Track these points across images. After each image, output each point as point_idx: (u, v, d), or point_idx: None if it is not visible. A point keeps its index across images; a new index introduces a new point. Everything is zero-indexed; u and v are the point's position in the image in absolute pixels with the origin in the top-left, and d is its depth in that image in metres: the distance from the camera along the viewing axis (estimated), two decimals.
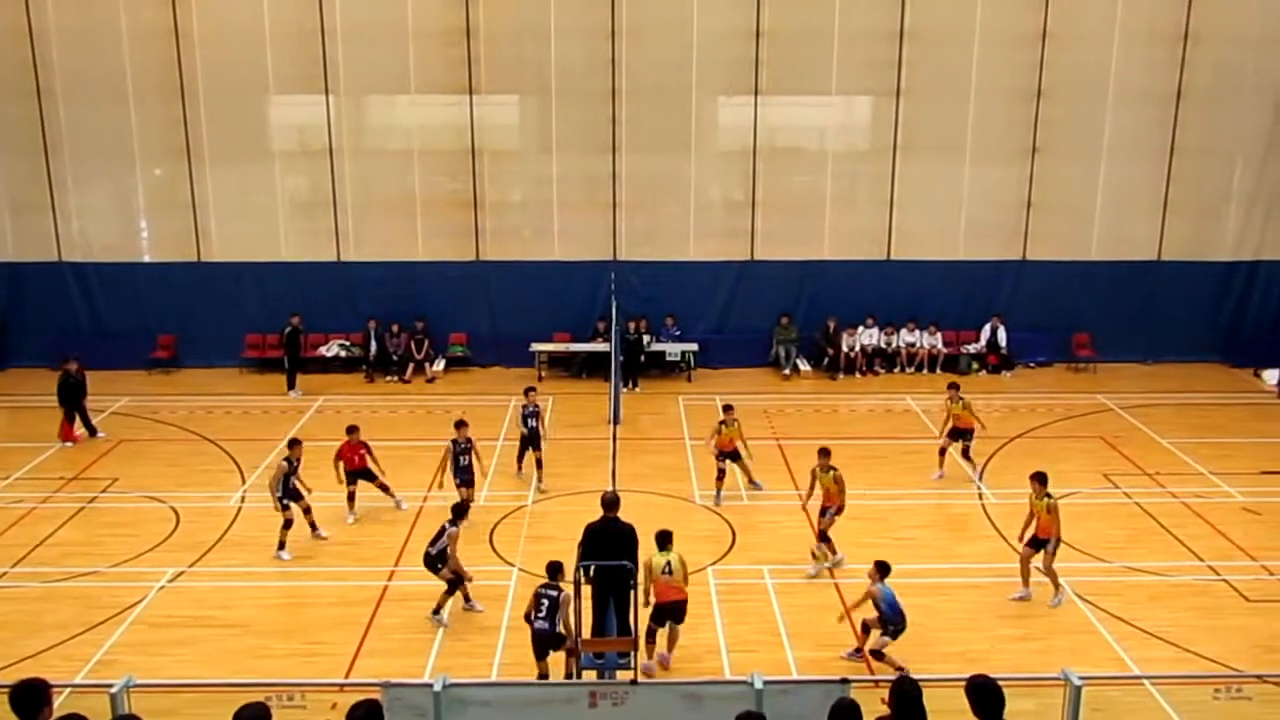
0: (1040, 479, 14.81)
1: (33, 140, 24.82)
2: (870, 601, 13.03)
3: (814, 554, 15.61)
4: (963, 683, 7.31)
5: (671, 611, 12.76)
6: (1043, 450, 20.37)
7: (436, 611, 14.04)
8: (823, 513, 15.62)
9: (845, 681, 8.75)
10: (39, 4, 24.23)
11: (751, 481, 18.41)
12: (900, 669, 12.27)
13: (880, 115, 25.15)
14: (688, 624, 13.98)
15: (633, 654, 11.16)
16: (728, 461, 18.09)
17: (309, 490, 16.68)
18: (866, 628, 13.17)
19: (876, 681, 11.44)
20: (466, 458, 17.29)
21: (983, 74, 24.67)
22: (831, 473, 15.61)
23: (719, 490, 18.07)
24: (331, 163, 25.10)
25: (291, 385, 23.78)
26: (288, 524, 16.10)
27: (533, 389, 19.30)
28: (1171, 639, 13.64)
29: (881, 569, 13.16)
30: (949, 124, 24.93)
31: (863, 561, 15.36)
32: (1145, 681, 12.23)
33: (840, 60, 24.72)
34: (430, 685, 8.68)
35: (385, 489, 17.64)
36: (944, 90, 24.77)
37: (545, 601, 12.17)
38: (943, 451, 19.14)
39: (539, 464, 18.77)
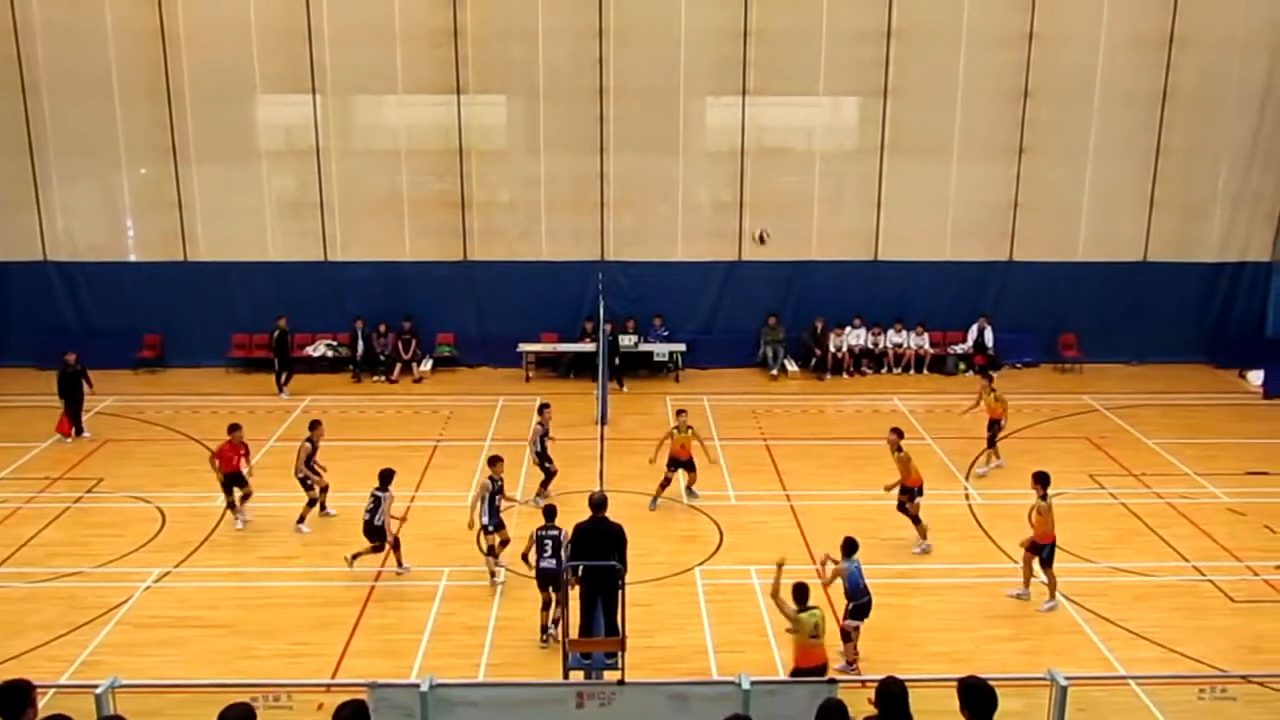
0: (1040, 480, 14.81)
1: (17, 138, 24.71)
2: (837, 579, 13.10)
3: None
4: (949, 683, 7.32)
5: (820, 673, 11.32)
6: (1029, 451, 20.43)
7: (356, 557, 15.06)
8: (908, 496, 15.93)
9: (833, 682, 8.77)
10: (24, 2, 24.10)
11: (689, 489, 18.01)
12: (852, 662, 12.86)
13: (867, 115, 25.20)
14: (674, 625, 14.05)
15: (620, 654, 11.16)
16: (680, 470, 17.77)
17: (324, 469, 17.40)
18: (847, 634, 13.06)
19: (863, 682, 11.44)
20: (500, 497, 15.49)
21: (970, 74, 24.74)
22: (898, 454, 16.11)
23: (657, 496, 17.71)
24: (319, 163, 25.05)
25: (281, 387, 23.70)
26: (311, 502, 17.14)
27: (547, 406, 18.78)
28: (1157, 639, 13.71)
29: (847, 547, 13.14)
30: (936, 124, 25.00)
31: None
32: (1131, 682, 12.28)
33: (828, 60, 24.77)
34: (417, 685, 8.65)
35: (247, 497, 16.99)
36: (931, 91, 24.84)
37: (549, 543, 13.26)
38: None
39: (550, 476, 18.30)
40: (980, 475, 19.30)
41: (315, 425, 17.57)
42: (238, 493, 17.01)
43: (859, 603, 13.01)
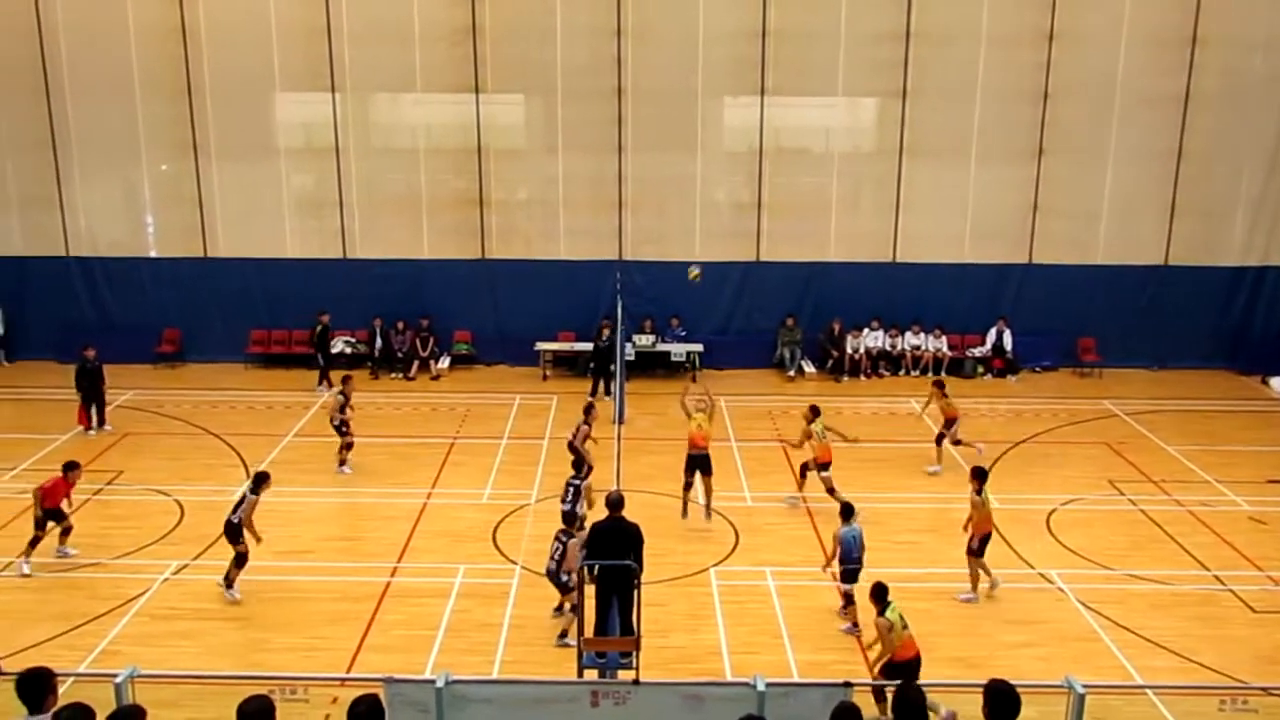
0: (979, 476, 15.00)
1: (41, 136, 24.88)
2: (834, 545, 14.03)
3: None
4: (963, 689, 7.30)
5: (918, 666, 11.71)
6: (1047, 455, 20.37)
7: (229, 586, 14.56)
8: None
9: (847, 685, 8.73)
10: (48, 1, 24.26)
11: (708, 507, 17.16)
12: (856, 624, 13.83)
13: (886, 117, 25.13)
14: (688, 625, 14.04)
15: (634, 654, 11.15)
16: (697, 473, 17.01)
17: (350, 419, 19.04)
18: (849, 598, 13.92)
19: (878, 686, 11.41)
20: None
21: (989, 76, 24.65)
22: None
23: (686, 502, 17.15)
24: (338, 160, 25.14)
25: (321, 380, 23.82)
26: (348, 446, 18.90)
27: (592, 406, 18.59)
28: (1175, 648, 13.59)
29: (844, 512, 14.20)
30: (955, 126, 24.92)
31: (867, 565, 15.40)
32: (1149, 691, 12.19)
33: (846, 61, 24.71)
34: (432, 681, 8.66)
35: (68, 531, 15.85)
36: (950, 92, 24.75)
37: (558, 547, 13.52)
38: (940, 441, 19.42)
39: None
40: (932, 474, 19.31)
41: (347, 380, 19.55)
42: (53, 527, 15.61)
43: (848, 567, 13.88)
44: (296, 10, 24.33)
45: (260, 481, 14.90)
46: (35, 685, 7.51)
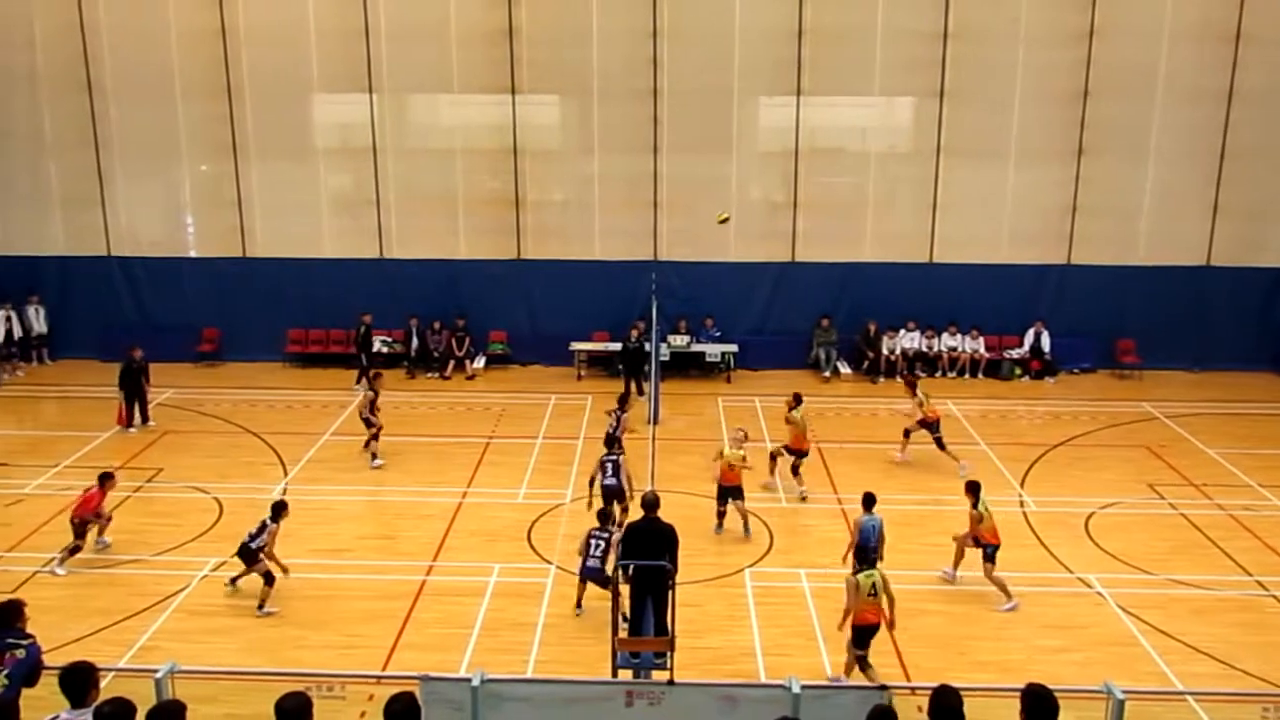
0: (973, 490, 15.01)
1: (84, 137, 25.24)
2: (854, 533, 14.37)
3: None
4: (1000, 693, 7.24)
5: (875, 630, 12.53)
6: (1086, 458, 20.19)
7: (237, 587, 14.74)
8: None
9: (883, 688, 8.71)
10: (91, 4, 24.62)
11: (746, 527, 16.82)
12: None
13: (923, 116, 24.99)
14: (722, 626, 14.02)
15: (669, 654, 11.15)
16: (729, 502, 16.64)
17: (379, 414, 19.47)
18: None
19: (914, 689, 11.36)
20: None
21: (1028, 74, 24.46)
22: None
23: (722, 517, 16.88)
24: (375, 161, 25.31)
25: (359, 380, 23.94)
26: (376, 435, 19.25)
27: (626, 398, 19.23)
28: (1217, 655, 13.40)
29: (866, 501, 14.50)
30: (993, 125, 24.74)
31: (901, 567, 15.34)
32: (1189, 697, 12.03)
33: (883, 60, 24.59)
34: (468, 680, 8.71)
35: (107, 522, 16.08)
36: (988, 91, 24.58)
37: (599, 543, 13.88)
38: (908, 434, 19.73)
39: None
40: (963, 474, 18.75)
41: (378, 376, 20.34)
42: (93, 531, 15.86)
43: (864, 553, 13.86)
44: (335, 12, 24.52)
45: (279, 510, 14.74)
46: (78, 679, 7.64)
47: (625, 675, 11.13)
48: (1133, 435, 21.61)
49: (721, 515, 16.82)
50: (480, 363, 25.65)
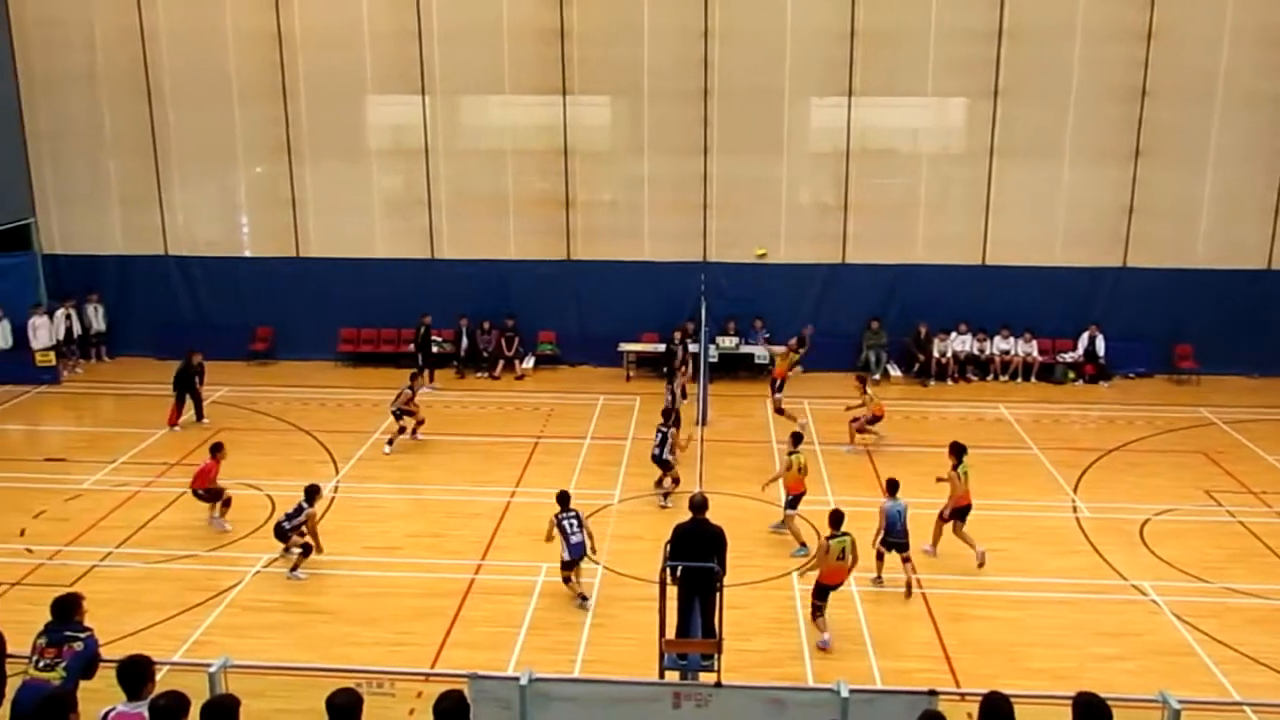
0: (956, 451, 16.07)
1: (143, 138, 25.68)
2: (880, 518, 15.02)
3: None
4: (1052, 700, 7.16)
5: (836, 589, 13.97)
6: (1141, 464, 19.89)
7: (291, 555, 15.44)
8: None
9: (933, 693, 8.62)
10: (150, 8, 25.06)
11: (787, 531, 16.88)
12: (874, 580, 15.07)
13: (976, 116, 24.75)
14: (770, 629, 13.98)
15: (716, 656, 11.13)
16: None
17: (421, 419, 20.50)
18: (880, 555, 15.04)
19: (963, 695, 11.26)
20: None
21: (1084, 74, 24.13)
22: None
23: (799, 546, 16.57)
24: (426, 162, 25.51)
25: (431, 380, 24.17)
26: (401, 430, 20.22)
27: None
28: (1275, 665, 13.15)
29: (890, 487, 15.17)
30: (1048, 125, 24.44)
31: (951, 572, 15.23)
32: (1246, 708, 11.81)
33: (936, 60, 24.38)
34: (516, 679, 8.74)
35: (228, 503, 17.07)
36: (1043, 91, 24.28)
37: (572, 523, 14.60)
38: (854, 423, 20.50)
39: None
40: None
41: (415, 376, 20.91)
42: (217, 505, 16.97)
43: (892, 540, 14.91)
44: (388, 14, 24.75)
45: (312, 494, 15.47)
46: (134, 672, 7.76)
47: (672, 676, 11.12)
48: (1189, 441, 21.26)
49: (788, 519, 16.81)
50: (529, 363, 25.76)
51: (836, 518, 13.95)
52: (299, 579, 15.13)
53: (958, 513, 15.79)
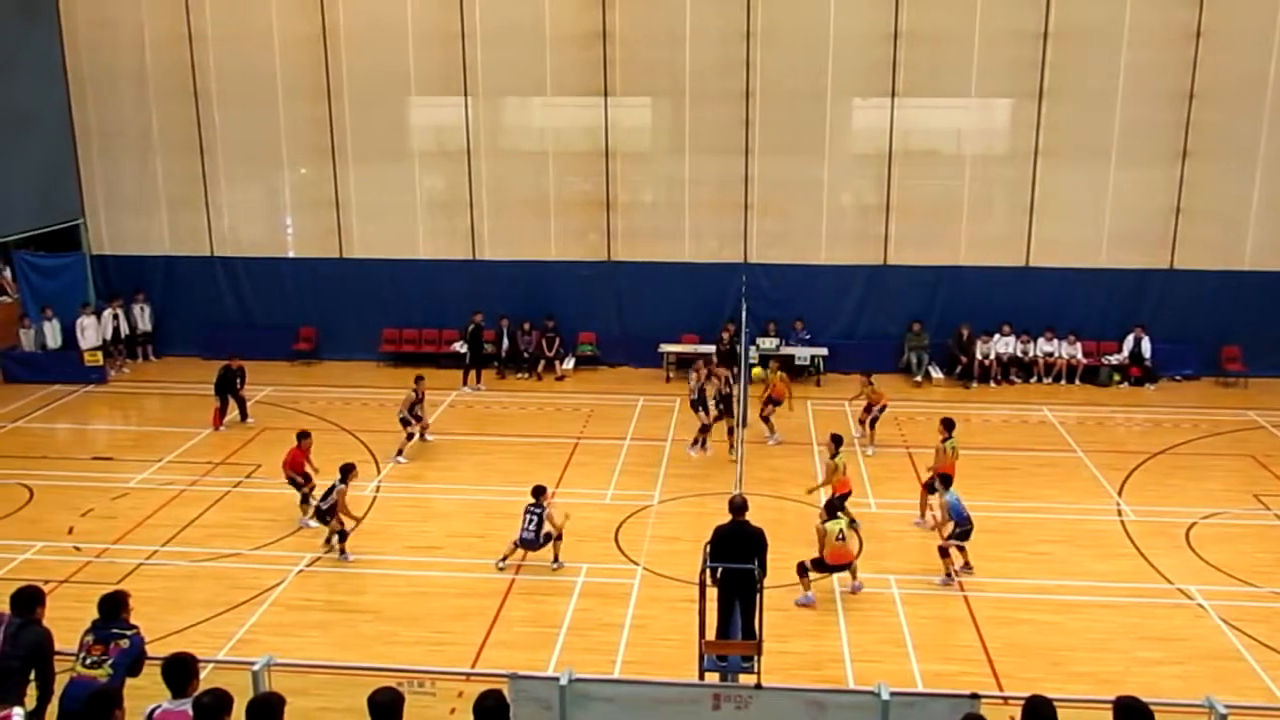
0: (947, 425, 17.18)
1: (189, 140, 26.01)
2: (943, 513, 15.20)
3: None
4: (1096, 704, 7.08)
5: (840, 570, 14.78)
6: (1187, 467, 19.64)
7: (332, 546, 16.00)
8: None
9: (975, 696, 8.56)
10: (198, 11, 25.37)
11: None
12: (962, 568, 15.14)
13: (1021, 118, 24.53)
14: (811, 631, 13.94)
15: (756, 658, 11.11)
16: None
17: (428, 423, 20.46)
18: (944, 551, 15.07)
19: (1006, 699, 11.17)
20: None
21: (1131, 75, 23.85)
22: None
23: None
24: (469, 163, 25.64)
25: (466, 379, 24.39)
26: (409, 436, 19.98)
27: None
28: None
29: (944, 481, 15.53)
30: (1094, 127, 24.17)
31: (994, 575, 15.10)
32: None
33: (980, 61, 24.19)
34: (556, 679, 8.76)
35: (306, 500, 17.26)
36: (1089, 92, 24.02)
37: (533, 517, 15.41)
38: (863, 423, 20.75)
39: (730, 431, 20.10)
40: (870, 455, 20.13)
41: (419, 379, 20.62)
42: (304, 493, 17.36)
43: (963, 529, 15.00)
44: (432, 15, 24.91)
45: (346, 472, 15.92)
46: (180, 670, 7.85)
47: (712, 678, 11.11)
48: (1237, 444, 20.95)
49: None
50: (570, 364, 25.82)
51: (831, 504, 15.12)
52: (348, 560, 15.66)
53: (944, 479, 15.95)
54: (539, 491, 15.74)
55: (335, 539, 15.88)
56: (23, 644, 8.86)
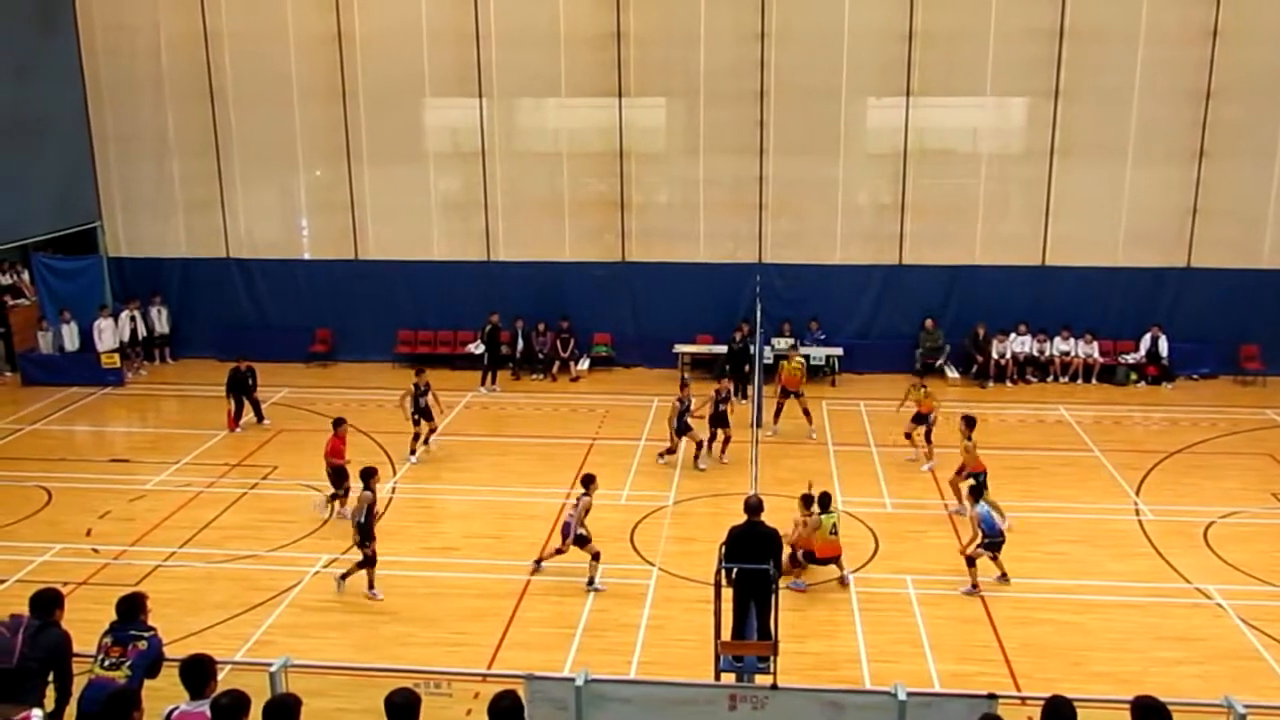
0: (967, 421, 17.25)
1: (205, 142, 26.12)
2: (974, 525, 14.88)
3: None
4: (1114, 704, 7.05)
5: (830, 563, 15.07)
6: (1205, 466, 19.54)
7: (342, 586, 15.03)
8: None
9: (992, 696, 8.53)
10: (214, 12, 25.48)
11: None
12: (998, 579, 14.90)
13: (1036, 116, 24.44)
14: (826, 631, 13.91)
15: (772, 659, 11.09)
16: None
17: (440, 412, 19.98)
18: (970, 560, 14.77)
19: (1024, 699, 11.12)
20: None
21: (1147, 73, 23.73)
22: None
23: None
24: (484, 164, 25.68)
25: (484, 380, 24.40)
26: (416, 436, 19.74)
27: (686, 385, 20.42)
28: None
29: (974, 493, 15.36)
30: (1110, 125, 24.06)
31: (1012, 575, 15.02)
32: None
33: (996, 60, 24.12)
34: (572, 680, 8.76)
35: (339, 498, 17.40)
36: (1105, 91, 23.93)
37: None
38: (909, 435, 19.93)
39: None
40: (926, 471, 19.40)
41: (420, 371, 20.59)
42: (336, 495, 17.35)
43: (993, 540, 14.78)
44: (446, 17, 24.95)
45: (369, 476, 15.07)
46: (197, 671, 7.88)
47: (728, 678, 11.09)
48: (1255, 443, 20.83)
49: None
50: (584, 364, 25.83)
51: (825, 498, 15.05)
52: (377, 598, 14.69)
53: (974, 491, 15.72)
54: (584, 481, 15.57)
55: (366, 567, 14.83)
56: (42, 645, 8.90)
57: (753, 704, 8.75)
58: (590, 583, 14.97)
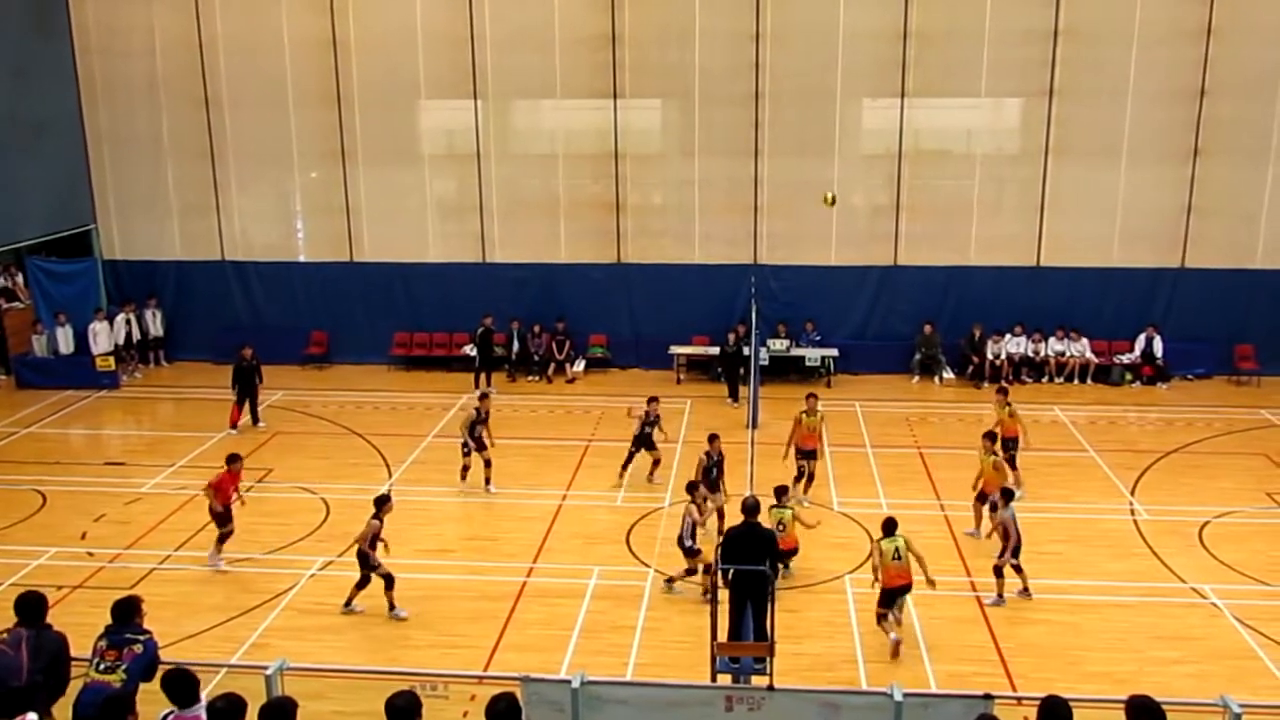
0: (990, 438, 16.62)
1: (200, 145, 26.09)
2: (1001, 530, 14.55)
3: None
4: (1110, 704, 7.06)
5: (902, 593, 13.59)
6: (1200, 466, 19.57)
7: (352, 608, 14.50)
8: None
9: (988, 697, 8.54)
10: (208, 16, 25.45)
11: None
12: (1020, 593, 14.55)
13: (1031, 117, 24.47)
14: (823, 633, 13.91)
15: (768, 660, 11.09)
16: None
17: (492, 443, 18.62)
18: (999, 570, 14.49)
19: (1020, 699, 11.13)
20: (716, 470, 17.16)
21: (1141, 73, 23.78)
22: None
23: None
24: (479, 166, 25.67)
25: (476, 382, 24.32)
26: (466, 468, 18.50)
27: (655, 399, 19.51)
28: None
29: (1005, 495, 14.82)
30: (1104, 125, 24.10)
31: (1007, 575, 15.02)
32: None
33: (990, 60, 24.14)
34: (568, 681, 8.76)
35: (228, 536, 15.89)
36: (1100, 90, 23.96)
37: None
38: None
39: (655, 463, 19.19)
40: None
41: (484, 397, 19.44)
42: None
43: (1017, 546, 14.41)
44: (441, 19, 24.94)
45: (381, 504, 14.52)
46: (181, 684, 7.86)
47: (725, 680, 11.09)
48: (1251, 443, 20.87)
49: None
50: (580, 366, 25.83)
51: (889, 523, 13.67)
52: (400, 618, 14.21)
53: (1005, 494, 15.24)
54: (688, 488, 15.38)
55: (384, 589, 14.31)
56: (45, 654, 8.91)
57: (749, 705, 8.76)
58: (669, 581, 15.05)
